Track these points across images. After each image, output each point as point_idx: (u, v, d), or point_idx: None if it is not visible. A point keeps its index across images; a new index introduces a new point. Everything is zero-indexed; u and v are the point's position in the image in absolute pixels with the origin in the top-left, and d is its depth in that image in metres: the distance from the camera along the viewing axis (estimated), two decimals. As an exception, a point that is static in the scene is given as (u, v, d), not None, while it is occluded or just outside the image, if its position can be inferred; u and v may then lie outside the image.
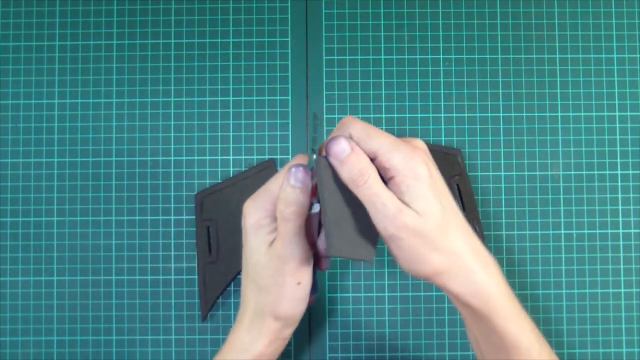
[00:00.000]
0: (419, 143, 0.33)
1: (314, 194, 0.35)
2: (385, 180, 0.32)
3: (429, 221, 0.31)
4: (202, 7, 0.51)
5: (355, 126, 0.32)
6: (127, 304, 0.49)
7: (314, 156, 0.33)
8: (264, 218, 0.35)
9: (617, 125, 0.50)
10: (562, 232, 0.49)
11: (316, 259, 0.37)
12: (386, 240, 0.32)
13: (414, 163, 0.31)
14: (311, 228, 0.36)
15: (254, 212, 0.35)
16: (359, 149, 0.32)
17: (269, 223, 0.35)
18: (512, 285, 0.34)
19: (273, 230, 0.35)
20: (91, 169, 0.50)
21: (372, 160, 0.32)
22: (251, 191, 0.48)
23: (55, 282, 0.49)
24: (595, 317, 0.49)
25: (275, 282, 0.34)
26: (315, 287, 0.38)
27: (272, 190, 0.35)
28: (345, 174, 0.32)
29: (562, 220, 0.50)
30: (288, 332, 0.37)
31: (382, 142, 0.32)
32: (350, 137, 0.32)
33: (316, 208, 0.35)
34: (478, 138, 0.50)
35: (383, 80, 0.50)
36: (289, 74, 0.50)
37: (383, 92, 0.50)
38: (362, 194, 0.31)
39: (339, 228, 0.32)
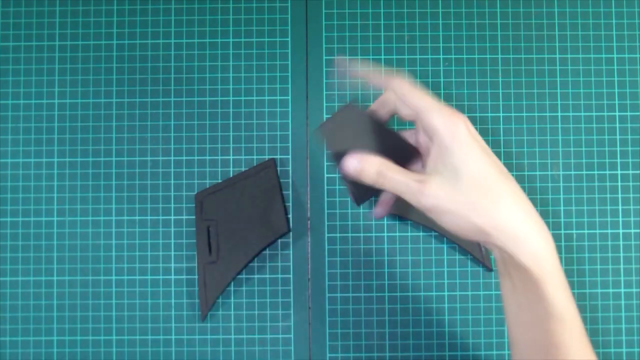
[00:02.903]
0: (460, 113, 0.34)
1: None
2: (423, 142, 0.35)
3: (465, 181, 0.31)
4: (202, 7, 0.51)
5: (398, 83, 0.34)
6: (127, 304, 0.49)
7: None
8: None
9: (617, 125, 0.50)
10: (562, 232, 0.49)
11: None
12: (425, 212, 0.33)
13: (452, 124, 0.32)
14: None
15: None
16: (366, 158, 0.34)
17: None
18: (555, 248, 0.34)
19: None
20: (91, 169, 0.50)
21: (413, 120, 0.34)
22: (251, 191, 0.48)
23: (55, 282, 0.49)
24: (595, 317, 0.49)
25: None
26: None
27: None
28: (366, 180, 0.34)
29: (562, 220, 0.50)
30: None
31: (423, 102, 0.33)
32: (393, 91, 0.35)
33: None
34: (478, 138, 0.50)
35: (383, 80, 0.50)
36: (289, 74, 0.50)
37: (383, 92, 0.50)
38: (389, 187, 0.33)
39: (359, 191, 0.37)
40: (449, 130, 0.32)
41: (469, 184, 0.31)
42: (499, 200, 0.31)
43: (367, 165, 0.34)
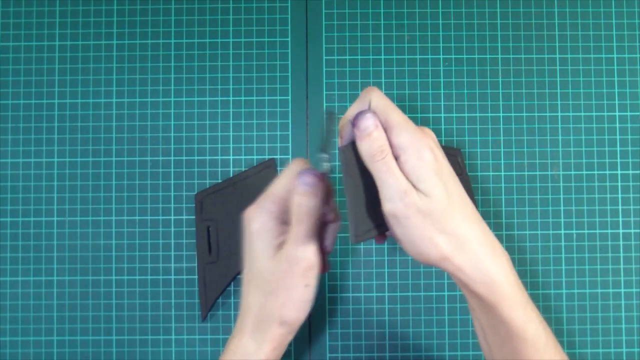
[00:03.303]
0: (428, 130, 0.34)
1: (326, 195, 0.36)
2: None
3: (433, 202, 0.31)
4: (202, 7, 0.51)
5: (377, 98, 0.33)
6: (127, 304, 0.49)
7: (339, 145, 0.35)
8: (269, 221, 0.35)
9: (617, 125, 0.50)
10: (562, 232, 0.49)
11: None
12: (392, 221, 0.32)
13: (420, 144, 0.32)
14: (319, 229, 0.37)
15: (258, 216, 0.35)
16: (382, 127, 0.33)
17: (274, 227, 0.35)
18: (512, 264, 0.34)
19: (280, 233, 0.35)
20: (91, 169, 0.50)
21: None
22: (251, 191, 0.48)
23: (55, 282, 0.49)
24: (595, 317, 0.49)
25: (283, 285, 0.34)
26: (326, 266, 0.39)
27: (275, 193, 0.35)
28: (365, 147, 0.33)
29: (562, 220, 0.50)
30: (291, 337, 0.37)
31: (395, 118, 0.32)
32: (369, 106, 0.33)
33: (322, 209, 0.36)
34: (478, 138, 0.50)
35: (383, 80, 0.50)
36: (289, 74, 0.50)
37: (383, 92, 0.50)
38: (378, 169, 0.32)
39: (359, 214, 0.34)
40: (416, 151, 0.32)
41: (437, 205, 0.31)
42: (456, 235, 0.32)
43: (379, 135, 0.32)
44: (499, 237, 0.49)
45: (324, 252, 0.37)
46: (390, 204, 0.32)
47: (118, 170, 0.50)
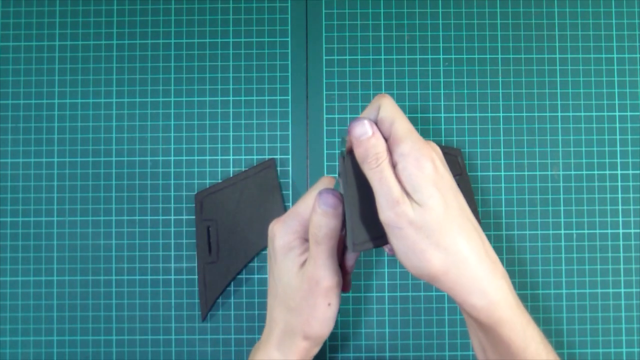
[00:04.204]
0: (434, 144, 0.33)
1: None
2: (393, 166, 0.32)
3: (428, 214, 0.30)
4: (202, 7, 0.51)
5: (386, 105, 0.32)
6: (127, 304, 0.49)
7: (342, 154, 0.34)
8: (294, 240, 0.35)
9: (617, 125, 0.50)
10: (562, 232, 0.49)
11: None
12: (388, 232, 0.31)
13: (419, 154, 0.31)
14: (340, 249, 0.37)
15: (284, 234, 0.35)
16: (380, 134, 0.32)
17: (299, 245, 0.35)
18: (512, 285, 0.34)
19: (303, 251, 0.35)
20: (91, 169, 0.50)
21: (386, 140, 0.32)
22: (251, 191, 0.48)
23: (55, 282, 0.49)
24: (595, 317, 0.49)
25: (307, 303, 0.35)
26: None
27: (301, 213, 0.35)
28: (361, 153, 0.32)
29: (562, 220, 0.50)
30: (316, 350, 0.38)
31: (400, 127, 0.31)
32: (376, 115, 0.32)
33: (342, 231, 0.35)
34: (478, 138, 0.50)
35: (383, 80, 0.50)
36: (289, 74, 0.50)
37: (383, 92, 0.50)
38: (373, 177, 0.31)
39: (357, 223, 0.33)
40: (415, 160, 0.30)
41: (432, 217, 0.30)
42: (452, 250, 0.30)
43: (375, 142, 0.31)
44: (499, 237, 0.49)
45: (345, 272, 0.37)
46: (384, 214, 0.31)
47: (118, 170, 0.50)
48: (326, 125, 0.50)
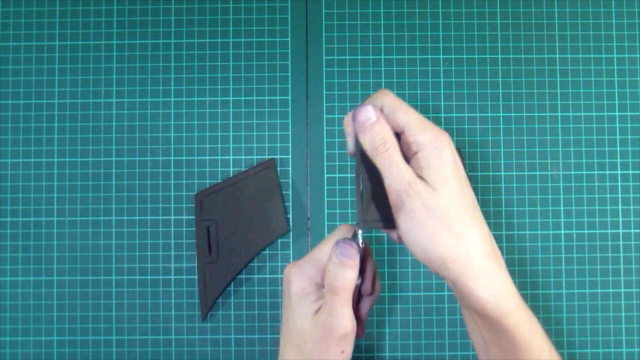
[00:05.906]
0: (446, 132, 0.33)
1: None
2: (407, 156, 0.32)
3: (443, 197, 0.30)
4: (202, 7, 0.51)
5: (387, 99, 0.33)
6: (127, 304, 0.49)
7: (353, 139, 0.34)
8: (309, 286, 0.35)
9: (617, 125, 0.50)
10: (562, 232, 0.49)
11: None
12: (397, 215, 0.31)
13: (439, 143, 0.31)
14: (355, 297, 0.36)
15: (300, 280, 0.35)
16: (384, 119, 0.32)
17: (314, 291, 0.35)
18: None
19: (318, 298, 0.35)
20: (91, 169, 0.50)
21: (399, 135, 0.32)
22: (251, 191, 0.48)
23: (55, 282, 0.49)
24: (595, 317, 0.49)
25: (319, 350, 0.34)
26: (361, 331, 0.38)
27: (318, 259, 0.35)
28: (367, 141, 0.32)
29: (562, 220, 0.50)
30: None
31: (411, 117, 0.32)
32: (380, 108, 0.32)
33: (358, 280, 0.35)
34: (478, 138, 0.50)
35: (383, 80, 0.50)
36: (289, 74, 0.50)
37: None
38: (382, 162, 0.31)
39: (371, 203, 0.33)
40: (436, 149, 0.31)
41: (447, 201, 0.30)
42: (464, 237, 0.30)
43: (380, 127, 0.31)
44: (499, 237, 0.49)
45: (359, 319, 0.37)
46: (395, 196, 0.31)
47: (118, 170, 0.50)
48: (326, 125, 0.50)
